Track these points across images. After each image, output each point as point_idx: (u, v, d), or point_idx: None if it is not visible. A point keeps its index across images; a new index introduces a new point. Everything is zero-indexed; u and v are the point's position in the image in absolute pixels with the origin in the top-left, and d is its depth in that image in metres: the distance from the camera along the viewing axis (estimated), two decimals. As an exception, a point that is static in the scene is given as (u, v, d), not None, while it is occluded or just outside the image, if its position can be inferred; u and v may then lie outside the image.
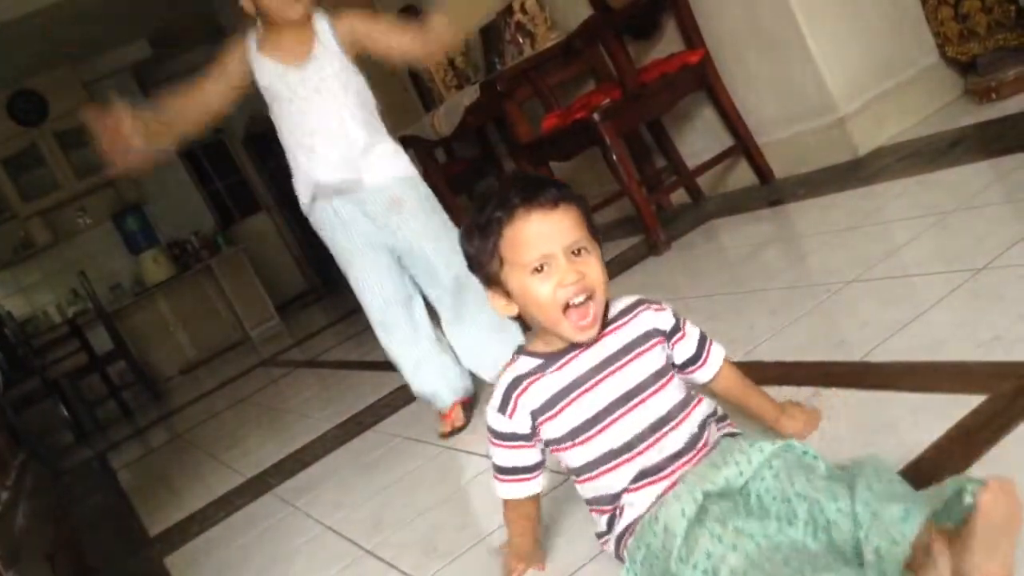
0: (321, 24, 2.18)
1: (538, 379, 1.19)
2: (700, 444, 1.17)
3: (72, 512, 4.03)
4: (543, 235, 1.14)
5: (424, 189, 2.27)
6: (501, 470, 1.27)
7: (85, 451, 6.00)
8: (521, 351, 1.24)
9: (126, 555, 2.88)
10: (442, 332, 2.38)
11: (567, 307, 1.14)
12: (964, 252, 1.76)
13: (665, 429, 1.16)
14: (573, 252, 1.15)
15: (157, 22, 7.93)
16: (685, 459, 1.15)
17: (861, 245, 2.13)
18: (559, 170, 3.61)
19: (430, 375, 2.34)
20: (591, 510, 1.24)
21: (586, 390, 1.17)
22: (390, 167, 2.20)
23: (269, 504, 2.54)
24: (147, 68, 8.80)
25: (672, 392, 1.20)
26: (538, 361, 1.20)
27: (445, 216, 2.30)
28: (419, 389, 2.37)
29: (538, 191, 1.15)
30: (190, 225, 8.55)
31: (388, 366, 3.66)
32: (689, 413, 1.18)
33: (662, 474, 1.14)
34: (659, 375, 1.20)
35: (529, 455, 1.24)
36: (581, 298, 1.14)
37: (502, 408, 1.21)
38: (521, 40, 3.79)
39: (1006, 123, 2.52)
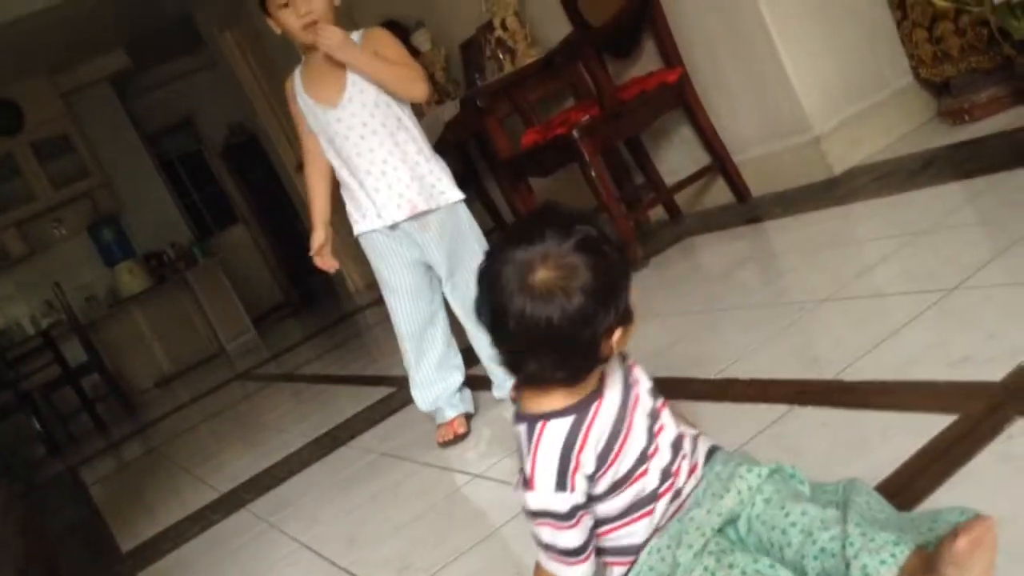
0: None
1: (584, 443, 1.04)
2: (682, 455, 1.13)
3: (44, 527, 3.98)
4: None
5: (456, 215, 2.23)
6: (574, 551, 1.07)
7: (57, 465, 5.94)
8: (539, 416, 1.05)
9: (98, 571, 2.85)
10: (456, 350, 2.39)
11: None
12: (936, 272, 1.78)
13: (682, 451, 1.12)
14: None
15: (136, 32, 7.91)
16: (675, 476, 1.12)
17: (835, 264, 2.15)
18: (539, 186, 3.62)
19: (435, 393, 2.33)
20: (609, 563, 1.13)
21: (627, 432, 1.07)
22: (422, 198, 2.17)
23: (243, 520, 2.52)
24: (126, 78, 8.77)
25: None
26: (570, 417, 1.04)
27: (471, 248, 2.25)
28: (425, 407, 2.36)
29: None
30: (166, 236, 8.51)
31: (365, 380, 3.67)
32: (686, 435, 1.16)
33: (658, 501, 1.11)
34: (654, 391, 1.15)
35: (589, 521, 1.08)
36: None
37: (561, 485, 1.03)
38: (501, 56, 3.81)
39: (978, 145, 2.55)
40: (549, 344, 1.00)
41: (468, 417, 2.34)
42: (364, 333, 5.24)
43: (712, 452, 1.16)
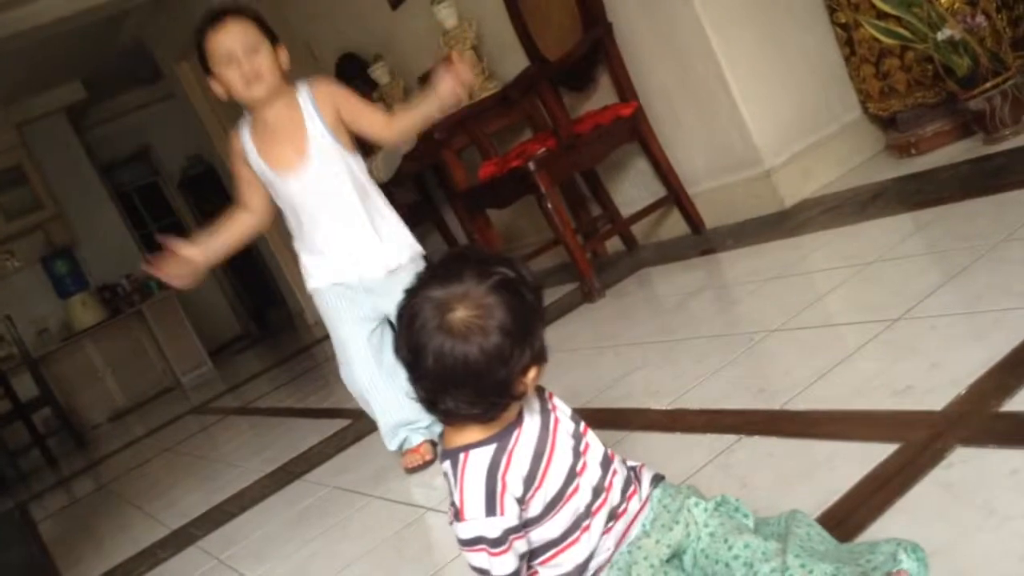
0: (303, 98, 2.09)
1: (508, 466, 1.06)
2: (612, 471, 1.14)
3: (-12, 566, 3.88)
4: None
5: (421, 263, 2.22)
6: None
7: (6, 501, 5.79)
8: (461, 448, 1.07)
9: (42, 611, 2.78)
10: None
11: None
12: (882, 302, 1.81)
13: (612, 467, 1.14)
14: None
15: (92, 64, 7.84)
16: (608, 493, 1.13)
17: (786, 294, 2.18)
18: (496, 217, 3.64)
19: (405, 432, 2.30)
20: None
21: (551, 452, 1.09)
22: (395, 255, 2.15)
23: (192, 557, 2.47)
24: (81, 110, 8.69)
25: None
26: (492, 445, 1.06)
27: None
28: (394, 447, 2.32)
29: None
30: (122, 268, 8.38)
31: (321, 413, 3.63)
32: (615, 455, 1.17)
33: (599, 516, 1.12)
34: (575, 416, 1.17)
35: (521, 546, 1.08)
36: None
37: (491, 509, 1.04)
38: (458, 89, 3.83)
39: (924, 177, 2.61)
40: (465, 382, 1.01)
41: (434, 445, 2.32)
42: (322, 365, 5.19)
43: (656, 481, 1.17)
